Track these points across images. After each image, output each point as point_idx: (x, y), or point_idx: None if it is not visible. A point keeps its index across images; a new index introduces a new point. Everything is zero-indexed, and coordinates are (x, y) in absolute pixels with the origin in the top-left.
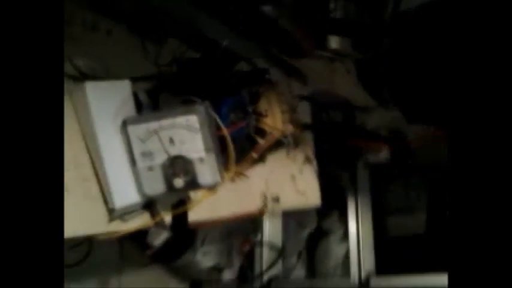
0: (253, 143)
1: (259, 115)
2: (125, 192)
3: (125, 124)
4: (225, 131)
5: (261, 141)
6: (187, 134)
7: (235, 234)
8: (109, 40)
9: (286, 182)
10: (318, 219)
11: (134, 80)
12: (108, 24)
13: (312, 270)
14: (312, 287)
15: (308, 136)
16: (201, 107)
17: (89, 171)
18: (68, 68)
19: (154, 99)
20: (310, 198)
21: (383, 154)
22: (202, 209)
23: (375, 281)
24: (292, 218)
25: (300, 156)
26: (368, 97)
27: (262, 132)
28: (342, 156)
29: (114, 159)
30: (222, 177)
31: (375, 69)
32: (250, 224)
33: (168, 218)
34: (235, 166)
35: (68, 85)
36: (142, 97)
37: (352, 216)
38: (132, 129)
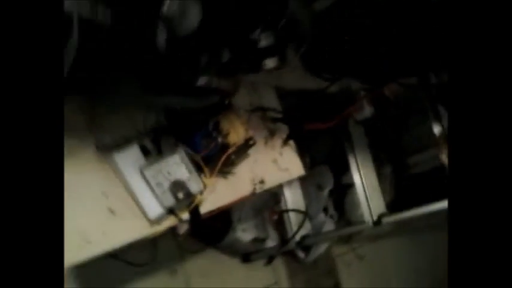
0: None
1: (224, 135)
2: (153, 207)
3: (141, 170)
4: (197, 157)
5: (230, 151)
6: (176, 166)
7: (264, 209)
8: (116, 118)
9: (269, 165)
10: (336, 178)
11: (141, 135)
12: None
13: (345, 222)
14: (337, 235)
15: (282, 126)
16: (180, 149)
17: (130, 201)
18: (99, 143)
19: (157, 144)
20: (293, 172)
21: (367, 110)
22: (207, 203)
23: (386, 219)
24: (310, 184)
25: (277, 142)
26: (318, 81)
27: (229, 146)
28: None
29: (141, 191)
30: (205, 184)
31: (322, 60)
32: (272, 197)
33: (186, 215)
34: (211, 174)
35: (103, 154)
36: (149, 145)
37: (354, 170)
38: (146, 172)
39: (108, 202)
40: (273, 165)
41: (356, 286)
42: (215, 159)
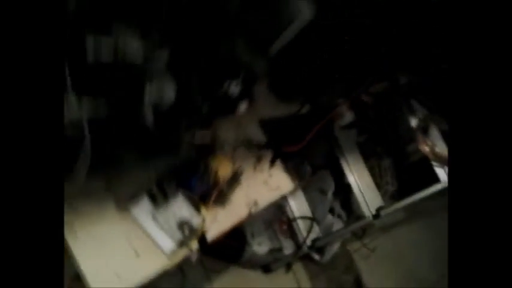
0: None
1: (214, 173)
2: (167, 244)
3: (153, 216)
4: (195, 197)
5: (221, 185)
6: (179, 208)
7: (273, 220)
8: (127, 177)
9: (261, 187)
10: (339, 179)
11: (148, 185)
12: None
13: (355, 219)
14: (346, 233)
15: (266, 152)
16: (180, 193)
17: (148, 241)
18: (118, 196)
19: (163, 189)
20: (284, 189)
21: (347, 117)
22: (212, 230)
23: (384, 211)
24: (313, 190)
25: (265, 166)
26: (289, 107)
27: (219, 181)
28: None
29: (155, 232)
30: (204, 218)
31: (292, 89)
32: (279, 209)
33: (195, 243)
34: (207, 209)
35: (121, 207)
36: (156, 192)
37: (347, 171)
38: (157, 217)
39: (132, 244)
40: (264, 186)
41: (376, 277)
42: (210, 194)
